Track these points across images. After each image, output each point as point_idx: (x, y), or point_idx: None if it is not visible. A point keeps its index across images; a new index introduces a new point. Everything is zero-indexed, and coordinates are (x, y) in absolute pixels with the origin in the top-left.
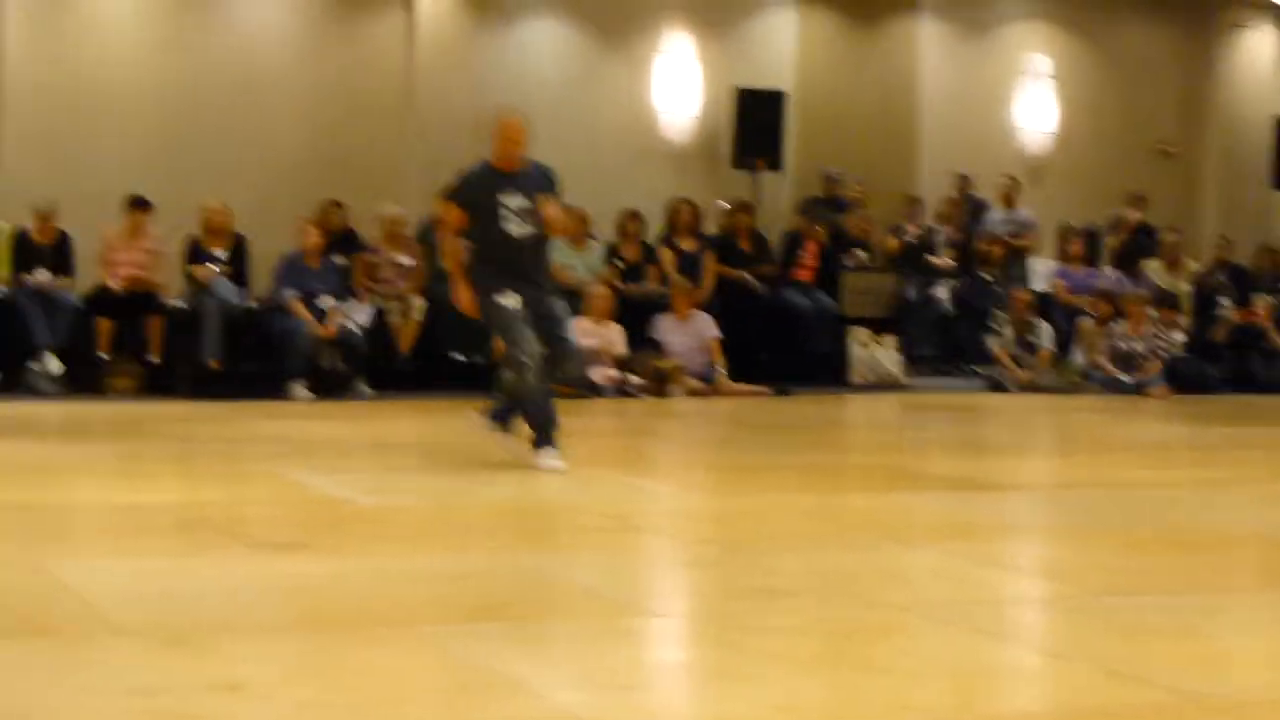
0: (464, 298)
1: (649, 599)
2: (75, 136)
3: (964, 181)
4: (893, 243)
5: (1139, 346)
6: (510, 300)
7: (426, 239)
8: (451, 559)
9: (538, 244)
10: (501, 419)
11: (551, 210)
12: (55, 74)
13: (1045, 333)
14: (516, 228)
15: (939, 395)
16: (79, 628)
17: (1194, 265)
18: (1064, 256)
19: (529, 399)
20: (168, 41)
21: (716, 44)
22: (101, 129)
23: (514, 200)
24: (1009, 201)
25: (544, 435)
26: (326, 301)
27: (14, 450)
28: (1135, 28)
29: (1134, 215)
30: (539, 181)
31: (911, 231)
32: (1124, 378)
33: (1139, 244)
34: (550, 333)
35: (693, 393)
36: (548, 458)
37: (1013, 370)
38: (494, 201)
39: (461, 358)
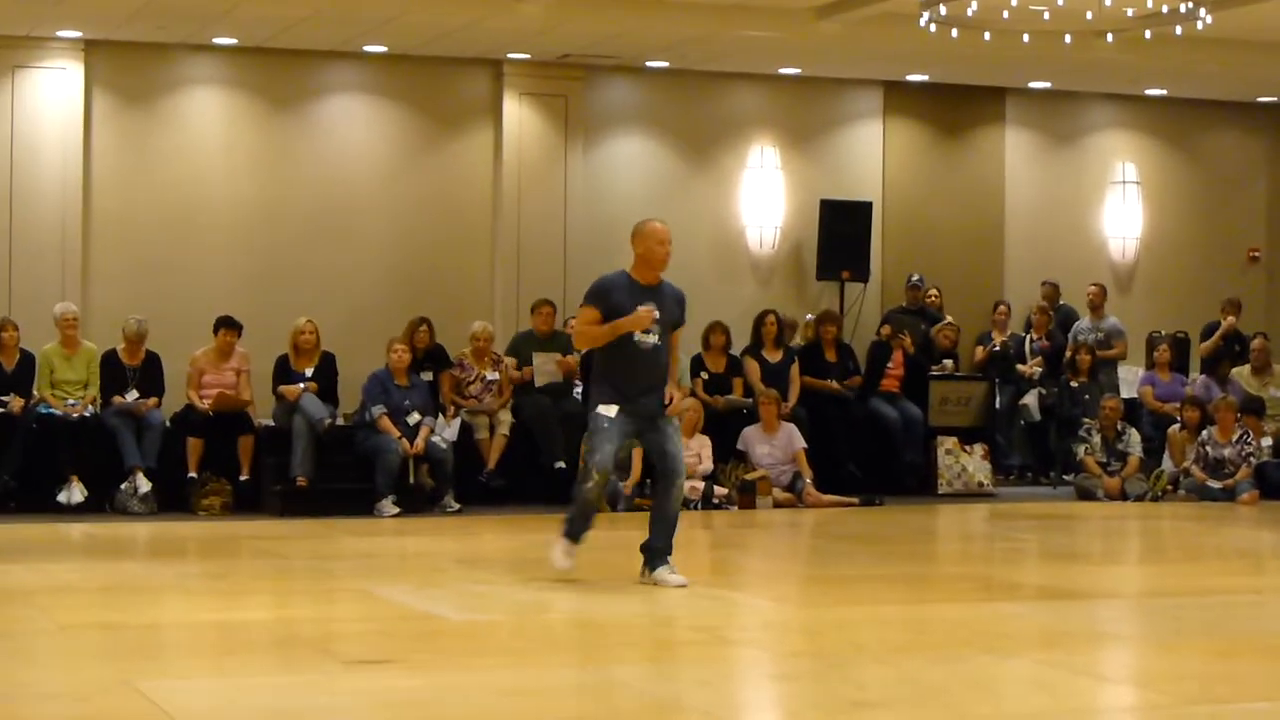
0: (618, 326)
1: (739, 713)
2: (163, 259)
3: (1052, 290)
4: (980, 351)
5: (1228, 453)
6: (609, 411)
7: (515, 353)
8: (542, 673)
9: (658, 353)
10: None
11: (679, 397)
12: (143, 197)
13: (1134, 440)
14: (643, 337)
15: (1028, 504)
16: None
17: None
18: (1152, 364)
19: (578, 501)
20: (256, 164)
21: (802, 157)
22: (189, 251)
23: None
24: (1097, 309)
25: (568, 527)
26: (414, 418)
27: (106, 570)
28: (1221, 134)
29: (1230, 321)
30: (670, 303)
31: (999, 340)
32: (1213, 484)
33: (1228, 350)
34: (657, 450)
35: (780, 504)
36: (557, 549)
37: (1102, 478)
38: (631, 311)
39: (562, 465)
